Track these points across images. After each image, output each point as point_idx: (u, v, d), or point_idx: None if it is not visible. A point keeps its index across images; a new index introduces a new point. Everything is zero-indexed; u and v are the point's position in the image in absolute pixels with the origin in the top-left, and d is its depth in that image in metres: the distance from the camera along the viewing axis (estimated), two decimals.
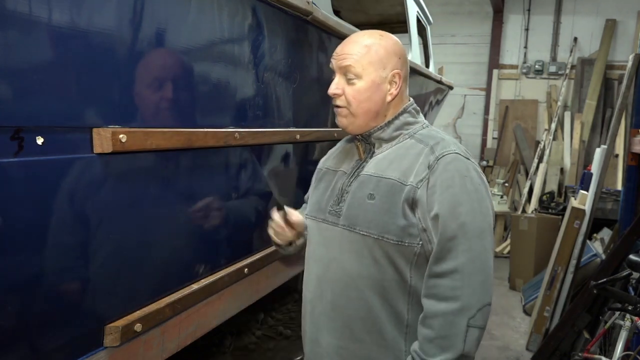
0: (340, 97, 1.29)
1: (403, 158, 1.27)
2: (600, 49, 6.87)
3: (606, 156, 3.65)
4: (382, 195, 1.24)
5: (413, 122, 1.34)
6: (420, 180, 1.21)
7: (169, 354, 1.47)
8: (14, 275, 1.00)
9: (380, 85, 1.28)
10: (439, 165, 1.21)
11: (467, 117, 8.00)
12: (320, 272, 1.34)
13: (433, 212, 1.18)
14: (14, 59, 0.92)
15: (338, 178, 1.38)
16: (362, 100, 1.28)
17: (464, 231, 1.16)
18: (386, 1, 4.09)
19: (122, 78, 1.16)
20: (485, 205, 1.20)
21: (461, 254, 1.15)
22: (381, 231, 1.23)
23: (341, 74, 1.29)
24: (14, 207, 0.97)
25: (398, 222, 1.21)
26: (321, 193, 1.41)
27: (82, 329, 1.18)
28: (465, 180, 1.19)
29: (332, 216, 1.33)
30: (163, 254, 1.40)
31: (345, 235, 1.29)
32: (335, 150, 1.51)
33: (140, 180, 1.27)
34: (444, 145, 1.25)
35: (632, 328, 2.42)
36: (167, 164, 1.35)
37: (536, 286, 4.26)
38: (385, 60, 1.28)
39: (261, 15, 1.63)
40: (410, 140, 1.31)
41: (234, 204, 1.69)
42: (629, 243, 2.82)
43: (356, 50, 1.27)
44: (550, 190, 6.49)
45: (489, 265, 1.18)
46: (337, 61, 1.30)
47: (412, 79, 3.47)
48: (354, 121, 1.30)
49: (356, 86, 1.27)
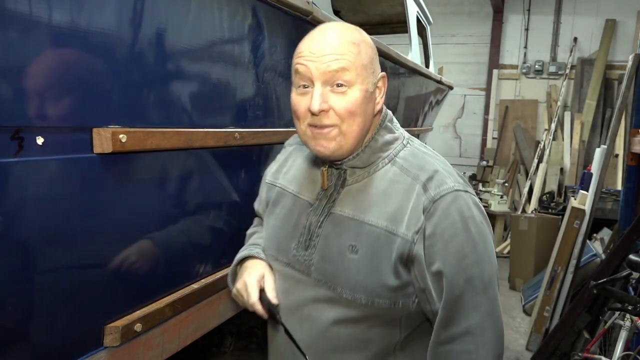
0: (327, 112, 0.98)
1: (388, 196, 1.02)
2: (600, 49, 6.87)
3: (606, 156, 3.65)
4: (366, 248, 1.01)
5: (392, 139, 1.08)
6: (415, 232, 0.99)
7: (169, 354, 1.46)
8: (14, 275, 1.00)
9: (372, 94, 1.02)
10: (436, 210, 0.99)
11: (467, 117, 8.00)
12: (292, 327, 1.10)
13: (434, 268, 0.98)
14: (14, 59, 0.92)
15: (301, 209, 1.11)
16: (358, 115, 0.99)
17: (472, 286, 0.99)
18: (386, 1, 4.09)
19: (122, 78, 1.16)
20: (490, 247, 1.03)
21: (472, 313, 0.99)
22: (370, 295, 1.01)
23: (323, 82, 0.98)
24: (14, 207, 0.96)
25: (389, 282, 1.00)
26: (280, 225, 1.15)
27: (82, 329, 1.18)
28: (469, 224, 1.00)
29: (299, 263, 1.09)
30: (163, 254, 1.40)
31: (322, 293, 1.05)
32: (285, 159, 1.24)
33: (140, 180, 1.27)
34: (439, 180, 1.01)
35: (632, 328, 2.42)
36: (167, 164, 1.35)
37: (536, 286, 4.26)
38: (374, 61, 1.03)
39: (261, 15, 1.63)
40: (392, 167, 1.06)
41: (234, 204, 1.69)
42: (629, 243, 2.82)
43: (346, 49, 0.98)
44: (550, 190, 6.49)
45: (499, 314, 1.03)
46: (317, 63, 0.97)
47: (412, 79, 3.47)
48: (344, 144, 1.01)
49: (349, 97, 0.98)
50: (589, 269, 3.76)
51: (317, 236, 1.06)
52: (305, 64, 0.98)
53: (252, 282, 1.13)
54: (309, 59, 0.98)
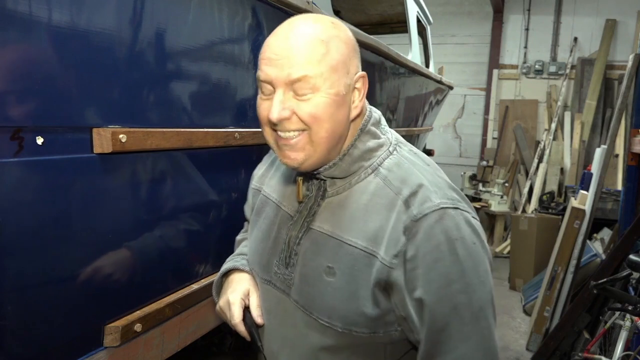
0: (290, 118, 0.88)
1: (368, 212, 0.92)
2: (600, 49, 6.87)
3: (606, 156, 3.65)
4: (343, 271, 0.92)
5: (376, 146, 0.97)
6: (395, 255, 0.88)
7: (169, 354, 1.46)
8: (14, 275, 1.00)
9: (345, 96, 0.90)
10: (418, 230, 0.87)
11: (467, 117, 8.00)
12: (274, 349, 1.04)
13: (416, 294, 0.88)
14: (14, 59, 0.92)
15: (281, 221, 1.03)
16: (326, 120, 0.88)
17: (459, 316, 0.87)
18: (386, 1, 4.09)
19: (122, 78, 1.16)
20: (482, 270, 0.90)
21: (459, 344, 0.88)
22: (347, 323, 0.92)
23: (285, 89, 0.87)
24: (14, 207, 0.96)
25: (367, 311, 0.91)
26: (261, 238, 1.08)
27: (82, 329, 1.18)
28: (456, 245, 0.87)
29: (279, 281, 1.01)
30: (163, 254, 1.39)
31: (300, 316, 0.98)
32: (271, 164, 1.17)
33: (140, 180, 1.27)
34: (423, 196, 0.90)
35: (632, 328, 2.42)
36: (167, 164, 1.35)
37: (536, 286, 4.26)
38: (349, 61, 0.91)
39: (261, 15, 1.63)
40: (375, 178, 0.95)
41: (234, 204, 1.69)
42: (629, 243, 2.82)
43: (309, 48, 0.87)
44: (550, 190, 6.49)
45: (493, 346, 0.90)
46: (277, 69, 0.87)
47: (412, 79, 3.47)
48: (313, 154, 0.91)
49: (313, 102, 0.87)
50: (589, 269, 3.77)
51: (295, 254, 0.99)
52: (266, 70, 0.89)
53: (235, 301, 1.07)
54: (270, 64, 0.88)
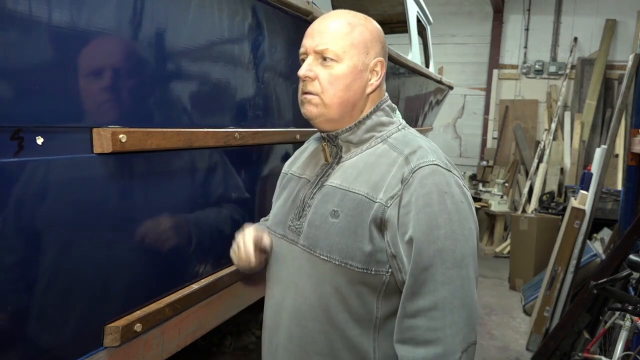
0: (313, 81, 1.10)
1: (373, 168, 1.09)
2: (600, 49, 6.87)
3: (606, 156, 3.65)
4: (346, 213, 1.07)
5: (387, 122, 1.16)
6: (391, 197, 1.03)
7: (169, 354, 1.47)
8: (14, 275, 1.00)
9: (362, 72, 1.11)
10: (414, 180, 1.02)
11: (467, 117, 8.00)
12: (279, 297, 1.16)
13: (407, 236, 1.01)
14: (14, 59, 0.92)
15: (301, 186, 1.20)
16: (340, 89, 1.09)
17: (442, 259, 0.98)
18: (386, 1, 4.09)
19: (122, 78, 1.16)
20: (467, 226, 1.03)
21: (440, 287, 0.98)
22: (344, 257, 1.05)
23: (315, 56, 1.10)
24: (14, 207, 0.96)
25: (364, 246, 1.04)
26: (282, 204, 1.23)
27: (82, 329, 1.18)
28: (445, 198, 1.01)
29: (292, 233, 1.15)
30: (163, 254, 1.39)
31: (305, 258, 1.11)
32: (302, 151, 1.32)
33: (140, 180, 1.27)
34: (421, 154, 1.06)
35: (632, 328, 2.42)
36: (167, 164, 1.35)
37: (536, 286, 4.26)
38: (370, 44, 1.11)
39: (261, 15, 1.63)
40: (383, 145, 1.12)
41: (234, 204, 1.69)
42: (629, 243, 2.82)
43: (337, 27, 1.10)
44: (550, 190, 6.49)
45: (472, 297, 1.01)
46: (311, 40, 1.11)
47: (412, 79, 3.47)
48: (326, 112, 1.11)
49: (333, 70, 1.08)
50: (589, 269, 3.77)
51: (308, 206, 1.14)
52: (304, 41, 1.13)
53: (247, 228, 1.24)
54: (307, 37, 1.12)
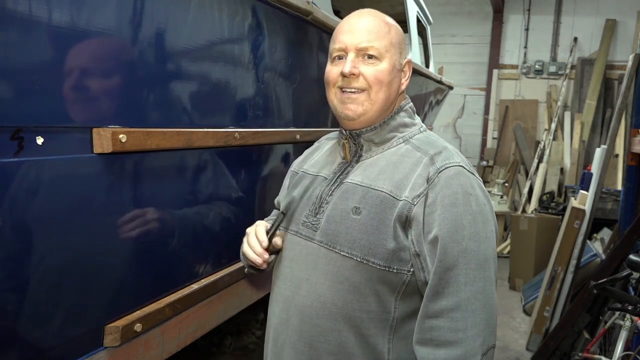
0: (357, 78, 1.09)
1: (397, 167, 1.09)
2: (600, 49, 6.87)
3: (606, 156, 3.65)
4: (369, 210, 1.06)
5: (410, 123, 1.17)
6: (417, 196, 1.03)
7: (169, 354, 1.46)
8: (14, 275, 1.00)
9: (398, 72, 1.13)
10: (440, 180, 1.03)
11: (467, 117, 8.01)
12: (289, 294, 1.13)
13: (432, 235, 1.01)
14: (14, 59, 0.92)
15: (317, 184, 1.18)
16: (385, 85, 1.10)
17: (466, 259, 0.99)
18: (386, 1, 4.09)
19: (122, 78, 1.16)
20: (490, 229, 1.04)
21: (463, 288, 0.98)
22: (366, 254, 1.04)
23: (356, 53, 1.09)
24: (14, 207, 0.96)
25: (387, 244, 1.03)
26: (294, 201, 1.21)
27: (82, 329, 1.18)
28: (470, 199, 1.02)
29: (306, 229, 1.14)
30: (163, 254, 1.40)
31: (322, 254, 1.09)
32: (313, 151, 1.32)
33: (140, 180, 1.27)
34: (447, 155, 1.08)
35: (632, 328, 2.42)
36: (167, 164, 1.35)
37: (536, 286, 4.26)
38: (402, 45, 1.15)
39: (261, 15, 1.63)
40: (405, 145, 1.13)
41: (234, 204, 1.69)
42: (629, 243, 2.83)
43: (377, 26, 1.10)
44: (550, 190, 6.49)
45: (493, 299, 1.01)
46: (351, 36, 1.09)
47: (412, 79, 3.46)
48: (370, 109, 1.10)
49: (378, 67, 1.09)
50: (589, 269, 3.77)
51: (326, 203, 1.12)
52: (342, 38, 1.11)
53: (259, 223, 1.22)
54: (346, 34, 1.11)
